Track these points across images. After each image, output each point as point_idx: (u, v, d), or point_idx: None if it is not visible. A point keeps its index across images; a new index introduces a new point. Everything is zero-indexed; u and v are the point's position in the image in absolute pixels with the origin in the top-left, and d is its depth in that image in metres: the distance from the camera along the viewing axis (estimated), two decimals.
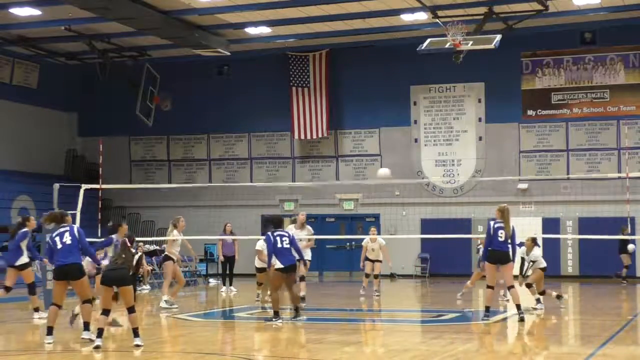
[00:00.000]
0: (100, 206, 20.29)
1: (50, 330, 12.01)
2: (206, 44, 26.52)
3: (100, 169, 20.47)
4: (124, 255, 11.96)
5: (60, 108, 31.59)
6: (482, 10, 23.51)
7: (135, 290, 12.57)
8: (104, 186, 19.97)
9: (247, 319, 16.13)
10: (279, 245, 14.23)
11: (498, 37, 20.77)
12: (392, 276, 27.40)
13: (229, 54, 27.71)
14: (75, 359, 11.27)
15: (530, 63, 27.75)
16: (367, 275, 20.31)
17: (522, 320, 14.40)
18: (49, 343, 11.92)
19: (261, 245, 16.89)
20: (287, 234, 14.54)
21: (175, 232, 18.16)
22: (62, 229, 12.21)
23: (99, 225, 20.20)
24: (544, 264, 16.94)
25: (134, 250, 12.40)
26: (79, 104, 32.07)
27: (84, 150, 31.87)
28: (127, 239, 12.27)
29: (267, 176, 29.98)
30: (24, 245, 15.99)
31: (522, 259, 17.13)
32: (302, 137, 29.39)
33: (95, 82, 30.56)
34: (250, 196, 29.59)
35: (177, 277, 17.87)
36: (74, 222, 17.85)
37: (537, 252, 17.03)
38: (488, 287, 14.82)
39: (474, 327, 14.60)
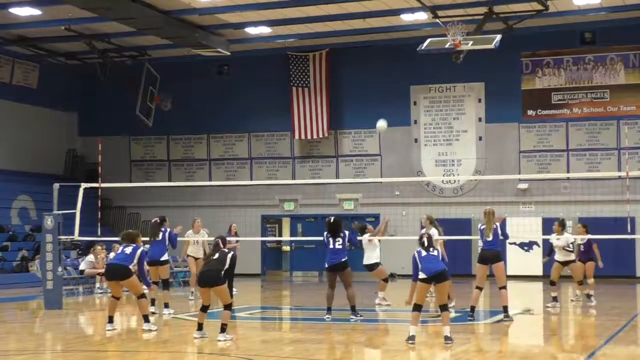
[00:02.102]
0: (100, 206, 20.27)
1: (110, 319, 13.53)
2: (206, 44, 26.53)
3: (100, 168, 20.45)
4: (216, 256, 12.36)
5: (60, 108, 31.59)
6: (482, 10, 23.50)
7: (231, 288, 12.67)
8: (103, 185, 19.93)
9: (247, 319, 16.12)
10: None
11: (498, 37, 20.76)
12: (392, 276, 27.37)
13: (229, 54, 27.72)
14: (75, 358, 11.28)
15: (530, 63, 27.76)
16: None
17: (507, 319, 14.46)
18: (110, 330, 13.35)
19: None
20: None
21: (190, 232, 18.86)
22: None
23: (99, 224, 20.19)
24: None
25: (226, 250, 12.53)
26: (79, 104, 32.08)
27: (84, 150, 31.87)
28: (220, 240, 12.64)
29: (267, 176, 29.97)
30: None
31: (551, 244, 17.54)
32: (302, 137, 29.38)
33: (95, 82, 30.55)
34: (250, 196, 29.61)
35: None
36: (73, 222, 17.91)
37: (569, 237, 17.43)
38: (477, 287, 14.85)
39: (474, 327, 14.59)
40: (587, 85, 27.20)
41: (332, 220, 15.14)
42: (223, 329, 12.10)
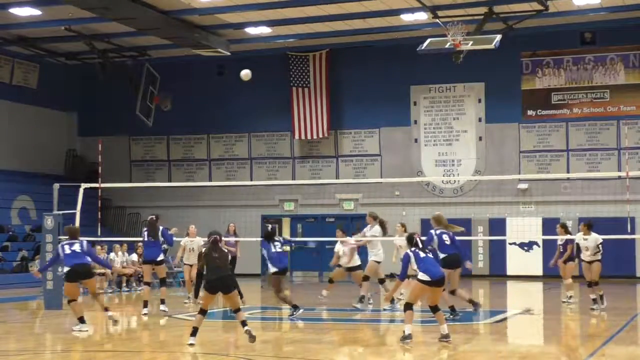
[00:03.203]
0: (100, 206, 20.28)
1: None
2: (206, 44, 26.52)
3: (100, 168, 20.45)
4: (217, 256, 11.67)
5: (60, 108, 31.59)
6: (482, 10, 23.50)
7: (239, 291, 12.46)
8: (103, 185, 19.94)
9: (248, 319, 16.06)
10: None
11: (498, 37, 20.77)
12: (392, 276, 27.37)
13: (229, 54, 27.71)
14: (75, 358, 11.28)
15: (530, 63, 27.75)
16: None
17: (452, 314, 14.44)
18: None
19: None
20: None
21: (185, 239, 18.80)
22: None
23: (99, 224, 20.20)
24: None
25: (224, 249, 11.96)
26: (79, 104, 32.07)
27: (84, 150, 31.87)
28: (216, 237, 11.78)
29: (267, 176, 29.97)
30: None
31: (578, 245, 17.22)
32: (302, 137, 29.38)
33: (95, 82, 30.54)
34: (250, 196, 29.61)
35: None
36: (73, 221, 17.91)
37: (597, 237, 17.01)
38: (451, 292, 14.76)
39: (474, 327, 14.59)
40: (587, 85, 27.20)
41: (269, 229, 15.92)
42: (244, 324, 11.79)
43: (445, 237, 14.83)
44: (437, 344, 11.93)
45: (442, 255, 14.48)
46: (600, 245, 16.89)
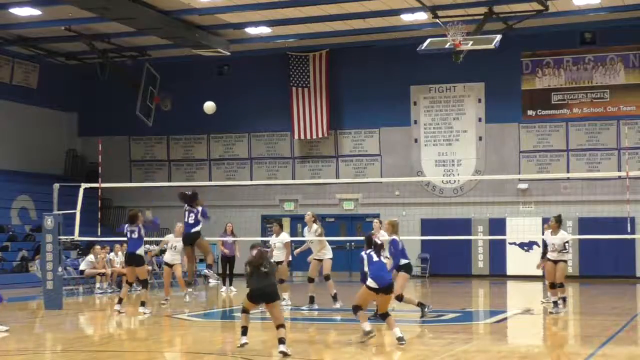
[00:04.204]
0: (100, 206, 20.27)
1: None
2: (206, 44, 26.52)
3: (100, 168, 20.45)
4: (266, 268, 11.38)
5: (60, 108, 31.59)
6: (482, 10, 23.50)
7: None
8: (103, 185, 19.93)
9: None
10: None
11: (498, 37, 20.76)
12: None
13: (229, 54, 27.71)
14: (75, 358, 11.28)
15: (530, 63, 27.75)
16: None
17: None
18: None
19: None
20: None
21: (169, 236, 18.81)
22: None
23: (99, 224, 20.20)
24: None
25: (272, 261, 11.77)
26: (79, 104, 32.07)
27: (84, 150, 31.87)
28: (260, 250, 11.54)
29: (267, 176, 29.97)
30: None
31: (545, 242, 16.63)
32: (302, 137, 29.38)
33: (95, 82, 30.54)
34: (250, 196, 29.61)
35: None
36: (73, 222, 17.92)
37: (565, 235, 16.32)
38: (397, 298, 14.46)
39: (474, 327, 14.60)
40: (587, 85, 27.19)
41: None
42: (281, 341, 11.08)
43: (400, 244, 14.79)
44: (437, 343, 11.93)
45: (404, 262, 14.57)
46: (567, 244, 16.07)
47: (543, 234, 17.50)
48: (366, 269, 12.07)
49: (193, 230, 15.64)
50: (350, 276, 28.13)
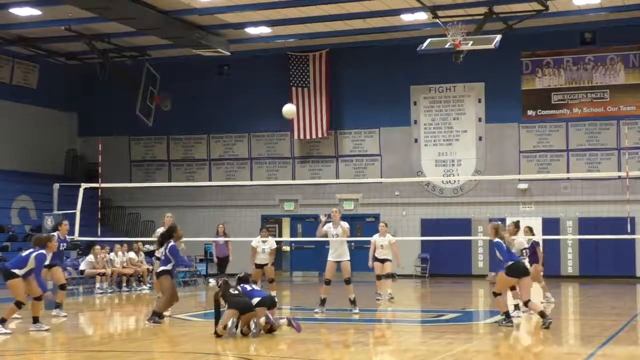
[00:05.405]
0: (100, 206, 20.28)
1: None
2: (206, 44, 26.53)
3: (100, 168, 20.46)
4: (235, 290, 12.65)
5: (60, 108, 31.61)
6: (482, 10, 23.51)
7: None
8: (103, 185, 19.94)
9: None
10: None
11: (498, 37, 20.77)
12: (392, 276, 27.35)
13: (229, 54, 27.72)
14: (75, 358, 11.27)
15: (530, 63, 27.75)
16: (379, 277, 18.76)
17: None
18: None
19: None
20: None
21: (160, 229, 18.82)
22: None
23: (99, 224, 20.20)
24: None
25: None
26: (78, 104, 32.08)
27: (84, 150, 31.88)
28: (224, 280, 12.88)
29: (267, 176, 29.97)
30: None
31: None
32: (302, 137, 29.39)
33: (95, 82, 30.55)
34: (250, 196, 29.61)
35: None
36: (74, 222, 17.90)
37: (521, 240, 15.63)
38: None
39: (474, 327, 14.59)
40: (587, 85, 27.20)
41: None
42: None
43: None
44: (437, 343, 11.93)
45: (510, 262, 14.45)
46: (524, 251, 15.43)
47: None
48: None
49: (160, 269, 14.70)
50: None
